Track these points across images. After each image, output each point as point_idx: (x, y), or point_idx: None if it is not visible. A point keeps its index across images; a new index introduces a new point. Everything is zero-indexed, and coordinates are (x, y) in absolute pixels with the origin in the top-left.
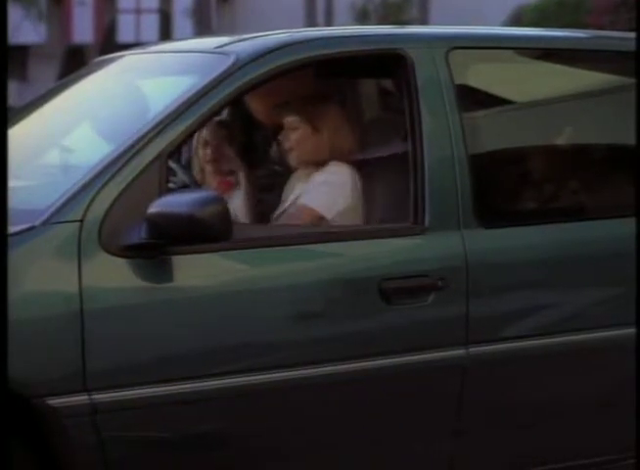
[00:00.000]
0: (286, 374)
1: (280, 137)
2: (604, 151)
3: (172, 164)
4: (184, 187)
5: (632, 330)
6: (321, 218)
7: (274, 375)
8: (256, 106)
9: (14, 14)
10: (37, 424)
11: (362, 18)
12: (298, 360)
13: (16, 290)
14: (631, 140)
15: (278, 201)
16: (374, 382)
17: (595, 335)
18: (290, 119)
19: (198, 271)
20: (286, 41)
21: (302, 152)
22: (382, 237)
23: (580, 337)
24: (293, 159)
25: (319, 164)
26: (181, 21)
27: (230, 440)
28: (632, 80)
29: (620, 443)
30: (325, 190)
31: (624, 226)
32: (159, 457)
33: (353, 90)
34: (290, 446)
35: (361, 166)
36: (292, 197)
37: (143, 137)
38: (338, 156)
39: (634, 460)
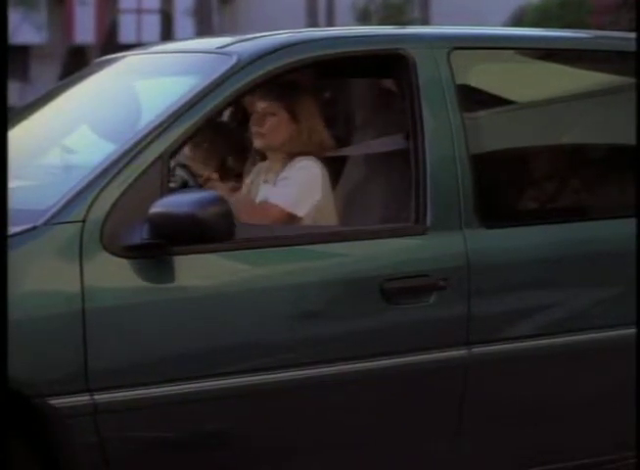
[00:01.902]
0: (287, 374)
1: (252, 121)
2: (606, 151)
3: (174, 165)
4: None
5: (634, 330)
6: (291, 216)
7: (276, 375)
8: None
9: (15, 15)
10: (39, 424)
11: (363, 18)
12: (300, 361)
13: (18, 290)
14: (633, 140)
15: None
16: (376, 382)
17: (597, 335)
18: (266, 104)
19: (199, 271)
20: (288, 41)
21: (275, 138)
22: (383, 237)
23: (582, 337)
24: (262, 143)
25: (289, 153)
26: (182, 21)
27: (232, 440)
28: (634, 80)
29: (622, 442)
30: (292, 187)
31: (626, 226)
32: (160, 457)
33: (354, 90)
34: (290, 446)
35: (362, 166)
36: (260, 192)
37: (145, 137)
38: (312, 149)
39: (635, 460)
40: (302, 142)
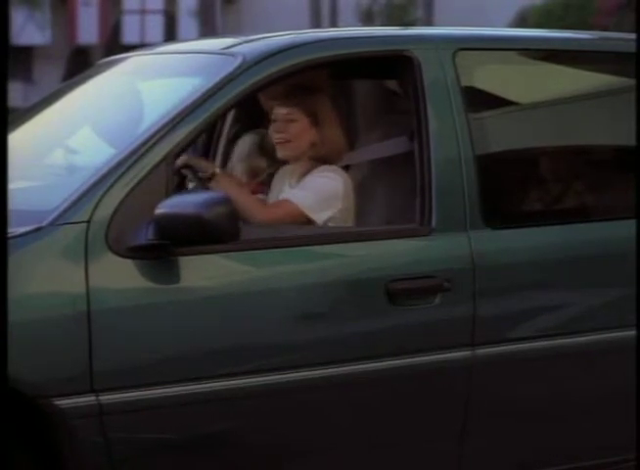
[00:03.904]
0: (293, 375)
1: (272, 128)
2: (610, 152)
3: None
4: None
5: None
6: (306, 219)
7: (282, 376)
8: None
9: (18, 15)
10: (43, 425)
11: (367, 18)
12: (305, 362)
13: (23, 291)
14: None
15: None
16: (380, 383)
17: (600, 336)
18: (286, 111)
19: (205, 272)
20: (292, 42)
21: (299, 145)
22: (388, 238)
23: (586, 338)
24: (286, 152)
25: (313, 158)
26: (186, 21)
27: (237, 441)
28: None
29: (624, 444)
30: (311, 191)
31: (631, 228)
32: (165, 458)
33: (359, 91)
34: (295, 447)
35: (367, 168)
36: (282, 195)
37: (150, 138)
38: (334, 152)
39: (635, 462)
40: (324, 146)
